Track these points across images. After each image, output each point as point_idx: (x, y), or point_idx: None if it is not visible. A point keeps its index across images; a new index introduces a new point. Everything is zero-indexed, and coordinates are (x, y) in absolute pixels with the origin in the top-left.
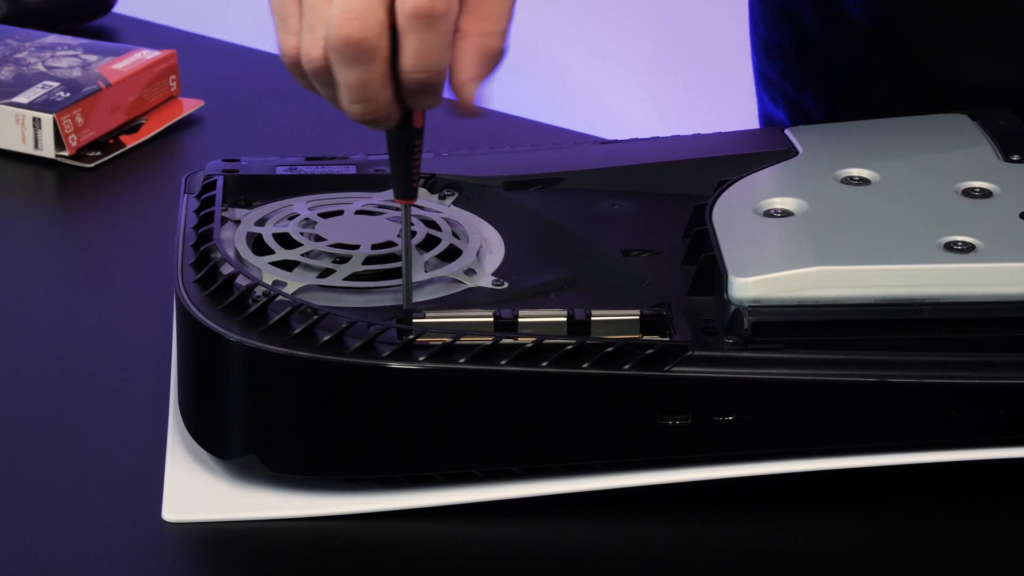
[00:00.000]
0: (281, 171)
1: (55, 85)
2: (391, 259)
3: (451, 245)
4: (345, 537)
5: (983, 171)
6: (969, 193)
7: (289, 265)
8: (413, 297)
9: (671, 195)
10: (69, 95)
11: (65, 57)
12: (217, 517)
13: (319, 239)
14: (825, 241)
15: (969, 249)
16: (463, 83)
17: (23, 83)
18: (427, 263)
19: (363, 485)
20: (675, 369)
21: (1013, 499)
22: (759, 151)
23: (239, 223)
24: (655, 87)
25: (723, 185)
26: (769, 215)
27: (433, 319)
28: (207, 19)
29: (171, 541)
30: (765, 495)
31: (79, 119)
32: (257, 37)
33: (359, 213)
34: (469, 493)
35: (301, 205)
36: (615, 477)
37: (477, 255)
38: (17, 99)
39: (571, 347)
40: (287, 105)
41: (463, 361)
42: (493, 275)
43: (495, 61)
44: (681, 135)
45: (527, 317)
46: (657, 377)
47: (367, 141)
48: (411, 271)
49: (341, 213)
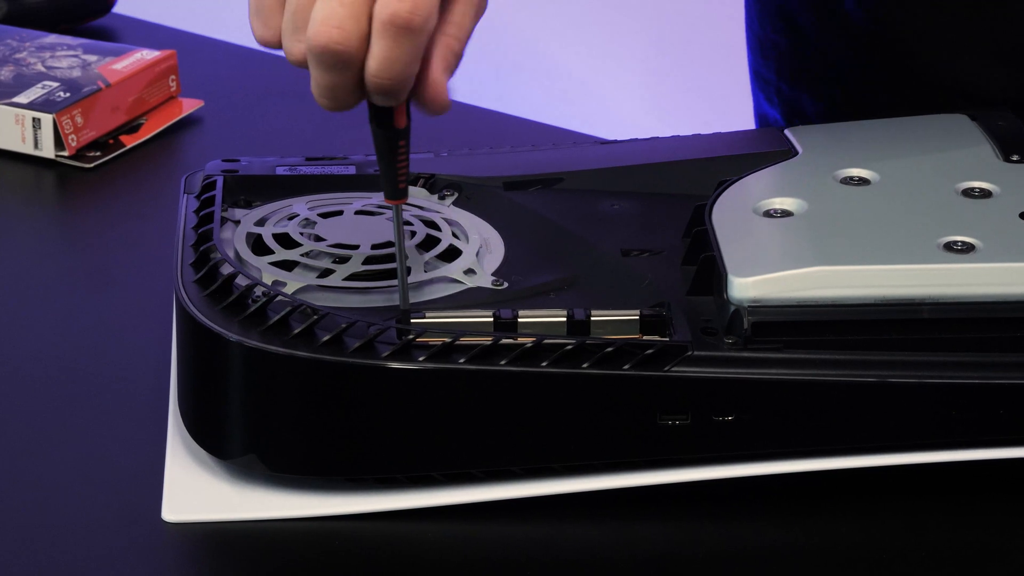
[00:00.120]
0: (281, 171)
1: (55, 85)
2: (391, 259)
3: (451, 245)
4: (345, 537)
5: (983, 171)
6: (969, 193)
7: (289, 265)
8: (413, 297)
9: (671, 195)
10: (69, 95)
11: (65, 57)
12: (217, 517)
13: (319, 239)
14: (825, 241)
15: (969, 249)
16: (436, 79)
17: (23, 83)
18: (427, 263)
19: (363, 485)
20: (675, 369)
21: (1013, 499)
22: (759, 151)
23: (239, 223)
24: (655, 87)
25: (723, 185)
26: (769, 215)
27: (433, 319)
28: (207, 19)
29: (171, 541)
30: (765, 495)
31: (79, 119)
32: None
33: (359, 213)
34: (469, 493)
35: (301, 205)
36: (615, 477)
37: (477, 255)
38: (17, 99)
39: (571, 347)
40: (287, 105)
41: (463, 361)
42: (493, 275)
43: (458, 60)
44: (681, 135)
45: (527, 317)
46: (657, 377)
47: (367, 141)
48: (406, 271)
49: (341, 213)
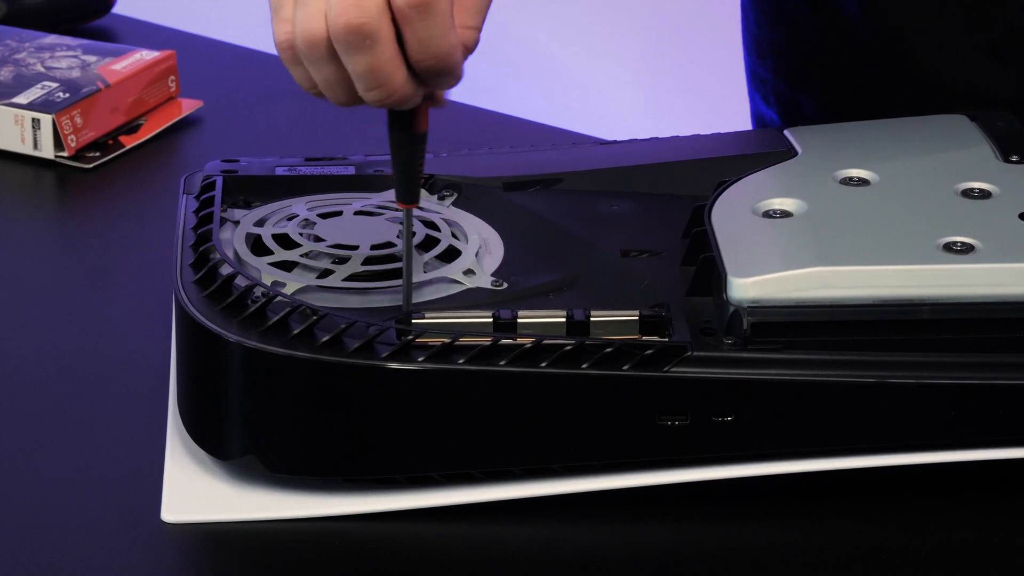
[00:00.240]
0: (280, 172)
1: (54, 86)
2: (390, 260)
3: (450, 246)
4: (345, 537)
5: (982, 172)
6: (968, 194)
7: (288, 266)
8: (412, 298)
9: (670, 196)
10: (68, 96)
11: (64, 58)
12: (216, 518)
13: (318, 240)
14: (824, 242)
15: (968, 250)
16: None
17: (22, 84)
18: (426, 264)
19: (363, 486)
20: (674, 370)
21: (1013, 499)
22: (758, 152)
23: (238, 224)
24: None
25: (722, 186)
26: (768, 216)
27: (432, 320)
28: (207, 19)
29: (171, 542)
30: (764, 495)
31: (78, 120)
32: (256, 37)
33: (358, 214)
34: (468, 494)
35: (300, 206)
36: (614, 478)
37: (476, 256)
38: (16, 100)
39: (570, 348)
40: (286, 105)
41: (462, 362)
42: (492, 276)
43: (467, 53)
44: (680, 136)
45: (526, 318)
46: (656, 378)
47: (366, 142)
48: (411, 274)
49: (340, 214)
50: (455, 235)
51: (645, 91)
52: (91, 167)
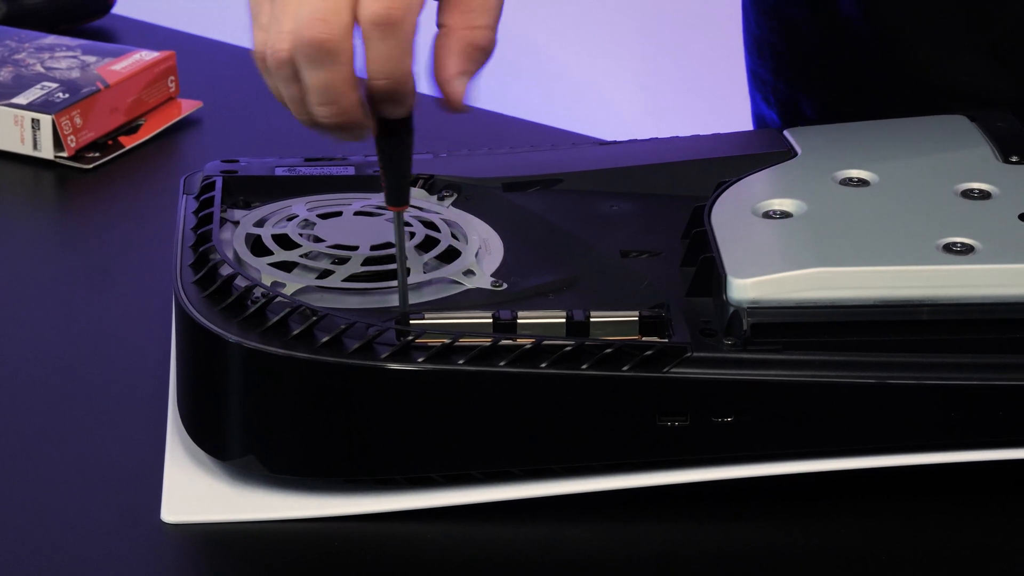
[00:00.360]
0: (280, 172)
1: (54, 86)
2: (390, 260)
3: (450, 246)
4: (344, 538)
5: (982, 172)
6: (968, 194)
7: (288, 266)
8: (412, 298)
9: (670, 196)
10: (68, 96)
11: (64, 58)
12: (216, 518)
13: (318, 240)
14: (824, 242)
15: (968, 250)
16: (447, 79)
17: (22, 84)
18: (426, 264)
19: (362, 486)
20: (674, 370)
21: (1013, 499)
22: (758, 152)
23: (238, 224)
24: (653, 88)
25: (722, 186)
26: (768, 216)
27: (432, 320)
28: (206, 20)
29: (170, 542)
30: (764, 496)
31: (78, 120)
32: None
33: (358, 214)
34: (468, 494)
35: (300, 206)
36: (614, 478)
37: (476, 256)
38: (16, 100)
39: (570, 348)
40: None
41: (462, 362)
42: (492, 276)
43: (483, 55)
44: (680, 136)
45: (526, 318)
46: (656, 378)
47: (366, 142)
48: (406, 276)
49: (340, 214)
50: (455, 235)
51: (645, 91)
52: (91, 167)
